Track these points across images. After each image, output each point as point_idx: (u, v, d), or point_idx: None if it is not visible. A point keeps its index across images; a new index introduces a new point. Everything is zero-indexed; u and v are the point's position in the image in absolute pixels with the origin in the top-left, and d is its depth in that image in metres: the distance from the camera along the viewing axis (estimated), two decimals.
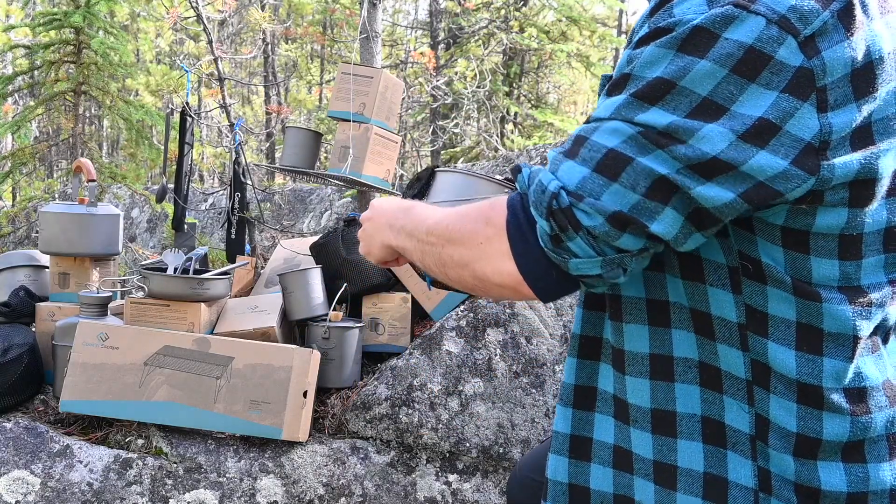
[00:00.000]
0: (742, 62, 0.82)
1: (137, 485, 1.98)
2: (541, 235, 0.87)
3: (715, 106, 0.82)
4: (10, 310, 2.40)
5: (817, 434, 0.91)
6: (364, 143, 2.82)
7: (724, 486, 0.96)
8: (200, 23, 3.91)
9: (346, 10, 8.79)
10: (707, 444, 0.97)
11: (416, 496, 2.14)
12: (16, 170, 4.25)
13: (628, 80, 0.87)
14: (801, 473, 0.92)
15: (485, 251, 0.91)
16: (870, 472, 0.91)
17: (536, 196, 0.86)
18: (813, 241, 0.89)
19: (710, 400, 0.97)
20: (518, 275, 0.89)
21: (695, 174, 0.83)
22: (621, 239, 0.84)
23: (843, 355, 0.90)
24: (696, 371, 0.97)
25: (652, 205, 0.83)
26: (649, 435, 1.00)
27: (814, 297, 0.89)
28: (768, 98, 0.82)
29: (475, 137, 10.26)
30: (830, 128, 0.83)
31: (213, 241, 4.60)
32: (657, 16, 0.88)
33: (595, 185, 0.84)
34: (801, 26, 0.82)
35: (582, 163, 0.85)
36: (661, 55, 0.84)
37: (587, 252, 0.85)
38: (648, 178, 0.83)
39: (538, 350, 2.34)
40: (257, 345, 2.13)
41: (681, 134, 0.82)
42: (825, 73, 0.82)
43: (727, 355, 0.94)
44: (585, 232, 0.84)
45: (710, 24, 0.82)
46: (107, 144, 13.66)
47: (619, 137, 0.84)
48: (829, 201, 0.87)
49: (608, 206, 0.83)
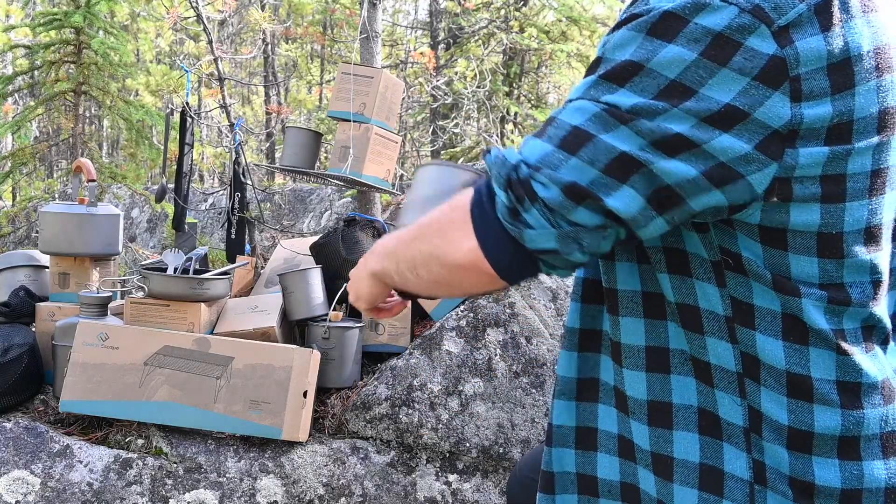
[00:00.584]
0: (711, 47, 0.82)
1: (137, 485, 1.98)
2: (499, 208, 0.87)
3: (682, 88, 0.83)
4: (10, 310, 2.40)
5: (809, 427, 0.91)
6: (364, 143, 2.82)
7: (721, 477, 0.96)
8: (200, 23, 3.91)
9: (346, 10, 8.79)
10: (703, 435, 0.98)
11: (416, 496, 2.14)
12: (16, 170, 4.25)
13: (599, 62, 0.88)
14: (796, 467, 0.92)
15: (448, 233, 0.92)
16: (864, 470, 0.91)
17: (497, 169, 0.87)
18: (791, 238, 0.90)
19: (704, 392, 0.97)
20: (478, 250, 0.89)
21: (658, 150, 0.83)
22: (577, 212, 0.84)
23: (830, 349, 0.91)
24: (690, 364, 0.98)
25: (609, 180, 0.84)
26: (646, 427, 1.01)
27: (793, 292, 0.90)
28: (738, 84, 0.82)
29: (475, 137, 10.26)
30: (801, 118, 0.83)
31: (213, 241, 4.60)
32: (635, 4, 0.89)
33: (555, 158, 0.84)
34: (776, 16, 0.82)
35: (547, 140, 0.86)
36: (631, 38, 0.85)
37: (542, 224, 0.85)
38: (609, 154, 0.83)
39: (538, 350, 2.34)
40: (257, 345, 2.13)
41: (646, 114, 0.83)
42: (798, 63, 0.82)
43: (716, 348, 0.95)
44: (542, 203, 0.84)
45: (681, 10, 0.83)
46: (107, 144, 13.66)
47: (584, 115, 0.85)
48: (800, 196, 0.87)
49: (565, 177, 0.83)
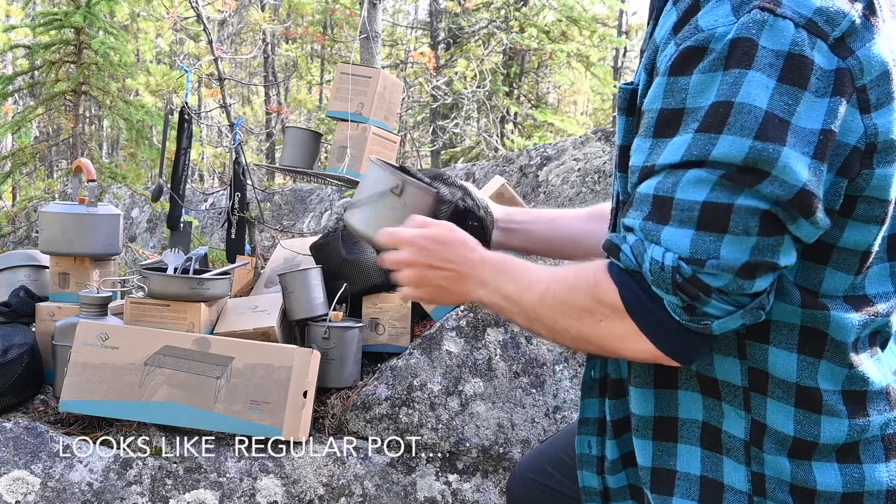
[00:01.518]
0: (786, 70, 0.79)
1: (137, 485, 1.98)
2: (672, 310, 0.85)
3: (778, 121, 0.78)
4: (10, 310, 2.40)
5: (814, 437, 0.91)
6: (362, 143, 2.82)
7: (720, 489, 0.96)
8: (200, 23, 3.91)
9: (346, 10, 8.79)
10: (705, 448, 0.98)
11: (416, 496, 2.14)
12: (16, 170, 4.25)
13: (683, 115, 0.83)
14: (797, 474, 0.92)
15: (607, 329, 0.89)
16: (865, 473, 0.91)
17: (656, 275, 0.83)
18: (835, 255, 0.88)
19: (710, 406, 0.97)
20: (655, 350, 0.88)
21: (790, 209, 0.80)
22: (755, 284, 0.82)
23: (842, 360, 0.90)
24: (695, 380, 0.98)
25: (771, 241, 0.81)
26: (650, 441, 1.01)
27: (820, 307, 0.89)
28: (823, 106, 0.79)
29: (475, 137, 10.25)
30: (876, 129, 0.81)
31: (213, 241, 4.60)
32: (683, 32, 0.84)
33: (707, 242, 0.80)
34: (829, 28, 0.79)
35: (680, 225, 0.82)
36: (710, 79, 0.81)
37: (726, 310, 0.83)
38: (755, 215, 0.80)
39: (538, 350, 2.34)
40: (257, 345, 2.13)
41: (761, 164, 0.78)
42: (863, 73, 0.80)
43: (723, 364, 0.94)
44: (718, 292, 0.82)
45: (746, 32, 0.79)
46: (107, 144, 13.66)
47: (706, 187, 0.81)
48: (862, 215, 0.85)
49: (732, 260, 0.80)
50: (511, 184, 3.21)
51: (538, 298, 0.96)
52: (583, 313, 0.91)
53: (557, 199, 3.22)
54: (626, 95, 0.98)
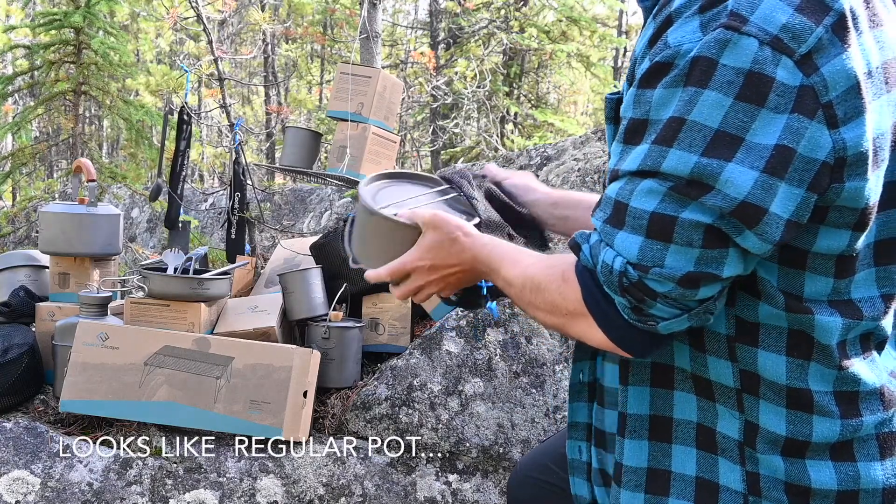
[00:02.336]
0: (745, 88, 0.81)
1: (137, 485, 1.98)
2: (622, 310, 0.90)
3: (729, 138, 0.82)
4: (10, 310, 2.40)
5: (807, 437, 0.92)
6: (362, 143, 2.82)
7: (716, 490, 0.97)
8: (200, 23, 3.91)
9: (346, 10, 8.80)
10: (700, 449, 0.98)
11: (416, 496, 2.14)
12: (16, 170, 4.25)
13: (647, 125, 0.87)
14: (791, 472, 0.92)
15: (572, 321, 0.95)
16: (860, 471, 0.92)
17: (605, 276, 0.89)
18: (811, 260, 0.89)
19: (705, 407, 0.98)
20: (611, 343, 0.93)
21: (733, 221, 0.83)
22: (699, 293, 0.86)
23: (830, 362, 0.91)
24: (690, 381, 0.98)
25: (715, 253, 0.84)
26: (646, 441, 1.02)
27: (805, 311, 0.90)
28: (780, 122, 0.81)
29: (475, 137, 10.26)
30: (844, 143, 0.82)
31: (213, 241, 4.60)
32: (656, 46, 0.87)
33: (654, 251, 0.85)
34: (795, 45, 0.80)
35: (632, 231, 0.86)
36: (670, 94, 0.84)
37: (672, 313, 0.87)
38: (698, 229, 0.83)
39: (538, 350, 2.34)
40: (257, 345, 2.13)
41: (706, 178, 0.82)
42: (828, 89, 0.81)
43: (716, 366, 0.96)
44: (662, 297, 0.86)
45: (707, 51, 0.82)
46: (107, 144, 13.66)
47: (656, 198, 0.85)
48: (833, 221, 0.87)
49: (675, 270, 0.84)
50: None
51: (518, 293, 1.03)
52: (553, 307, 0.98)
53: None
54: (612, 105, 1.03)
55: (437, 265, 1.11)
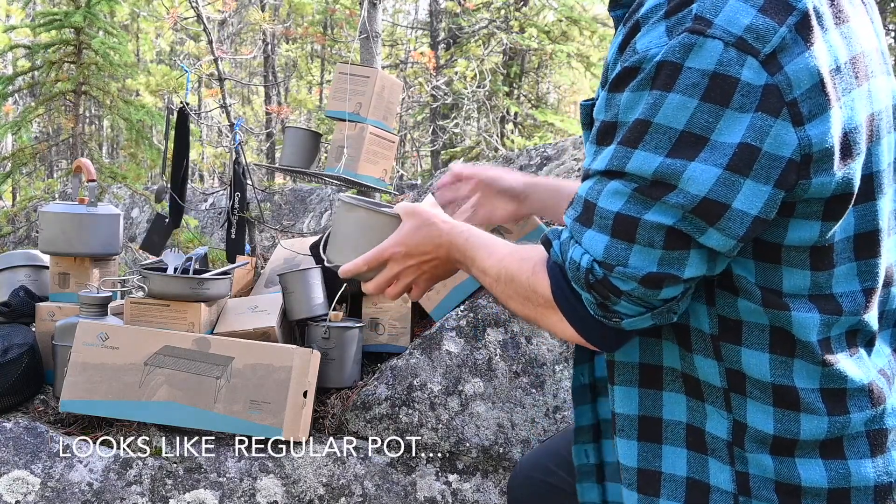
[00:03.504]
0: (710, 89, 0.82)
1: (137, 485, 1.98)
2: (588, 305, 0.93)
3: (693, 138, 0.83)
4: (10, 310, 2.40)
5: (794, 435, 0.92)
6: (360, 143, 2.81)
7: (707, 490, 0.97)
8: (200, 23, 3.91)
9: (346, 10, 8.79)
10: (690, 450, 0.98)
11: (416, 496, 2.14)
12: (16, 170, 4.25)
13: (615, 127, 0.89)
14: (781, 471, 0.93)
15: (544, 315, 0.98)
16: (851, 469, 0.92)
17: (573, 273, 0.91)
18: (785, 254, 0.90)
19: (694, 407, 0.98)
20: (579, 337, 0.96)
21: (695, 219, 0.85)
22: (662, 293, 0.88)
23: (813, 359, 0.91)
24: (680, 381, 0.99)
25: (676, 255, 0.86)
26: (635, 442, 1.02)
27: (782, 307, 0.91)
28: (744, 121, 0.82)
29: (475, 137, 10.26)
30: (810, 140, 0.83)
31: (213, 241, 4.60)
32: (625, 53, 0.89)
33: (619, 250, 0.87)
34: (760, 45, 0.82)
35: (599, 230, 0.89)
36: (636, 98, 0.86)
37: (635, 311, 0.90)
38: (660, 231, 0.86)
39: (538, 350, 2.34)
40: (257, 345, 2.13)
41: (669, 178, 0.84)
42: (791, 87, 0.82)
43: (703, 365, 0.96)
44: (626, 295, 0.88)
45: (672, 56, 0.83)
46: (107, 144, 13.66)
47: (621, 199, 0.87)
48: (801, 213, 0.88)
49: (637, 270, 0.86)
50: None
51: (493, 283, 1.05)
52: (524, 300, 1.00)
53: None
54: (586, 111, 1.06)
55: (413, 252, 1.12)
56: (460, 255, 1.09)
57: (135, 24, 10.90)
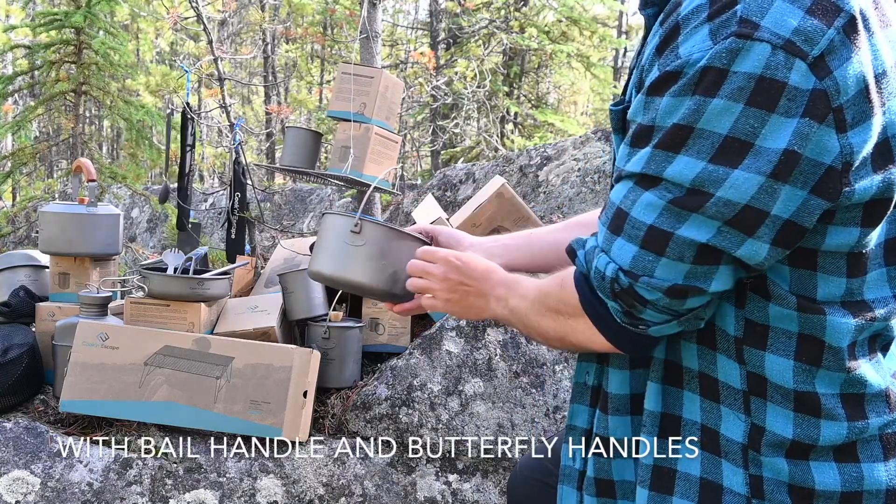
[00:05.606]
0: (756, 93, 0.80)
1: (137, 485, 1.98)
2: (615, 313, 0.93)
3: (738, 144, 0.81)
4: (10, 310, 2.40)
5: (813, 440, 0.92)
6: (365, 143, 2.82)
7: (719, 492, 0.97)
8: (200, 23, 3.91)
9: (346, 10, 8.79)
10: (704, 450, 0.98)
11: (416, 496, 2.14)
12: (16, 170, 4.25)
13: (653, 131, 0.88)
14: (795, 474, 0.92)
15: (574, 327, 0.99)
16: (864, 472, 0.92)
17: (598, 282, 0.92)
18: (821, 259, 0.89)
19: (708, 408, 0.97)
20: (609, 343, 0.97)
21: (731, 231, 0.84)
22: (686, 303, 0.88)
23: (839, 365, 0.91)
24: (697, 381, 0.98)
25: (704, 269, 0.86)
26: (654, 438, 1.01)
27: (817, 312, 0.90)
28: (790, 126, 0.80)
29: (475, 137, 10.26)
30: (851, 148, 0.81)
31: (213, 241, 4.60)
32: (665, 56, 0.87)
33: (646, 261, 0.87)
34: (808, 48, 0.80)
35: (629, 240, 0.89)
36: (677, 103, 0.84)
37: (661, 318, 0.90)
38: (692, 247, 0.85)
39: (538, 350, 2.34)
40: (257, 345, 2.13)
41: (708, 186, 0.83)
42: (839, 93, 0.80)
43: (725, 366, 0.96)
44: (652, 304, 0.89)
45: (717, 61, 0.81)
46: (107, 144, 13.66)
47: (655, 211, 0.86)
48: (841, 220, 0.87)
49: (663, 281, 0.87)
50: (511, 184, 3.21)
51: (529, 306, 1.07)
52: (556, 314, 1.01)
53: (557, 199, 3.22)
54: (617, 115, 1.03)
55: (462, 270, 1.17)
56: (503, 290, 1.12)
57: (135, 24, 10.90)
